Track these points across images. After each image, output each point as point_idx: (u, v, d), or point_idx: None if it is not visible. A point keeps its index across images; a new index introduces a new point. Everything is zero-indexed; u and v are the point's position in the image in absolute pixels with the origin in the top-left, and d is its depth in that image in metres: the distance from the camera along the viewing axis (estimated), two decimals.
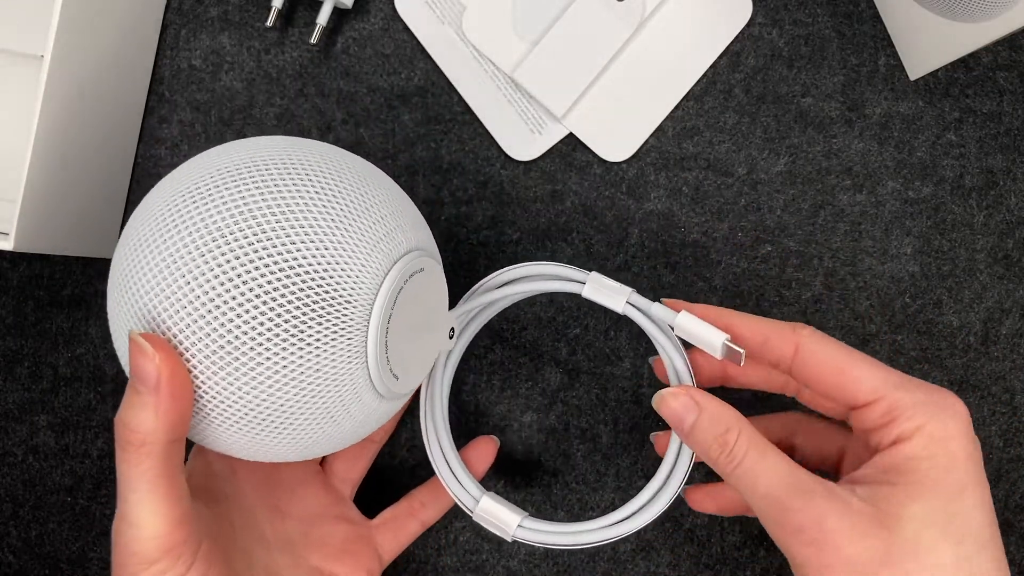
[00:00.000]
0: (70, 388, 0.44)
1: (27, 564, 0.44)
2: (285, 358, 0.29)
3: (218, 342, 0.28)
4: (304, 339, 0.29)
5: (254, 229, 0.29)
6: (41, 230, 0.37)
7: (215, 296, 0.28)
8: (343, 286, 0.29)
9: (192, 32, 0.44)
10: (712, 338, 0.33)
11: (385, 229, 0.31)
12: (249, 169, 0.30)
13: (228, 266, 0.28)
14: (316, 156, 0.32)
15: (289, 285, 0.28)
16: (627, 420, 0.43)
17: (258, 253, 0.28)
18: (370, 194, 0.31)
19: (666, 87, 0.43)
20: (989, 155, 0.43)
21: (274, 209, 0.29)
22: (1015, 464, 0.43)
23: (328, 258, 0.29)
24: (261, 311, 0.28)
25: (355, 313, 0.30)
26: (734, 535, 0.43)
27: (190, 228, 0.29)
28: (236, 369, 0.29)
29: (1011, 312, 0.43)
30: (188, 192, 0.30)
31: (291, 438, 0.31)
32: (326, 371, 0.29)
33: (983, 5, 0.34)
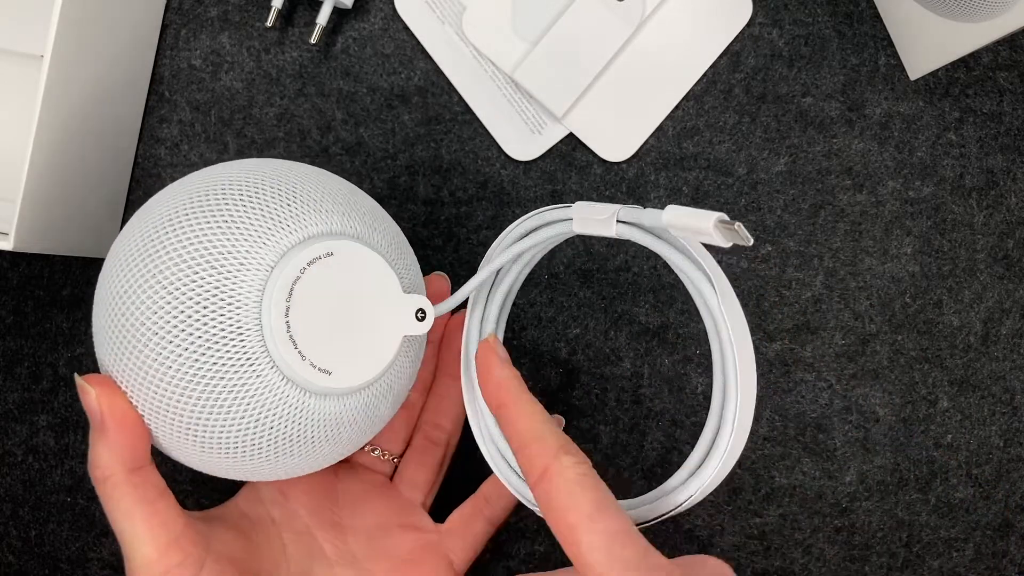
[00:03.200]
0: (70, 388, 0.44)
1: (27, 564, 0.44)
2: (194, 376, 0.29)
3: (142, 374, 0.29)
4: (199, 355, 0.29)
5: (159, 261, 0.30)
6: (41, 230, 0.37)
7: (129, 332, 0.29)
8: (225, 289, 0.29)
9: (192, 32, 0.44)
10: (702, 221, 0.28)
11: (271, 222, 0.30)
12: (161, 209, 0.31)
13: (133, 303, 0.29)
14: (226, 172, 0.32)
15: (178, 306, 0.29)
16: (627, 420, 0.43)
17: (157, 280, 0.29)
18: (265, 189, 0.31)
19: (666, 87, 0.43)
20: (989, 155, 0.43)
21: (173, 239, 0.30)
22: (1015, 464, 0.43)
23: (209, 263, 0.29)
24: (160, 335, 0.29)
25: (243, 315, 0.29)
26: (734, 535, 0.43)
27: (116, 272, 0.30)
28: (161, 397, 0.29)
29: (1011, 312, 0.43)
30: (124, 238, 0.31)
31: (253, 456, 0.31)
32: (231, 380, 0.29)
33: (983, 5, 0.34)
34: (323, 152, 0.43)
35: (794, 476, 0.43)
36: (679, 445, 0.43)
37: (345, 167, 0.43)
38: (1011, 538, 0.43)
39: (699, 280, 0.30)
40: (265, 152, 0.43)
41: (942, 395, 0.43)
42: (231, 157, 0.44)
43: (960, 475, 0.43)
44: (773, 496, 0.43)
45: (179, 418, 0.30)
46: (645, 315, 0.43)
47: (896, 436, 0.43)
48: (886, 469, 0.43)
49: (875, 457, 0.43)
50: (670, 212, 0.29)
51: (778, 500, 0.43)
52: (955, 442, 0.43)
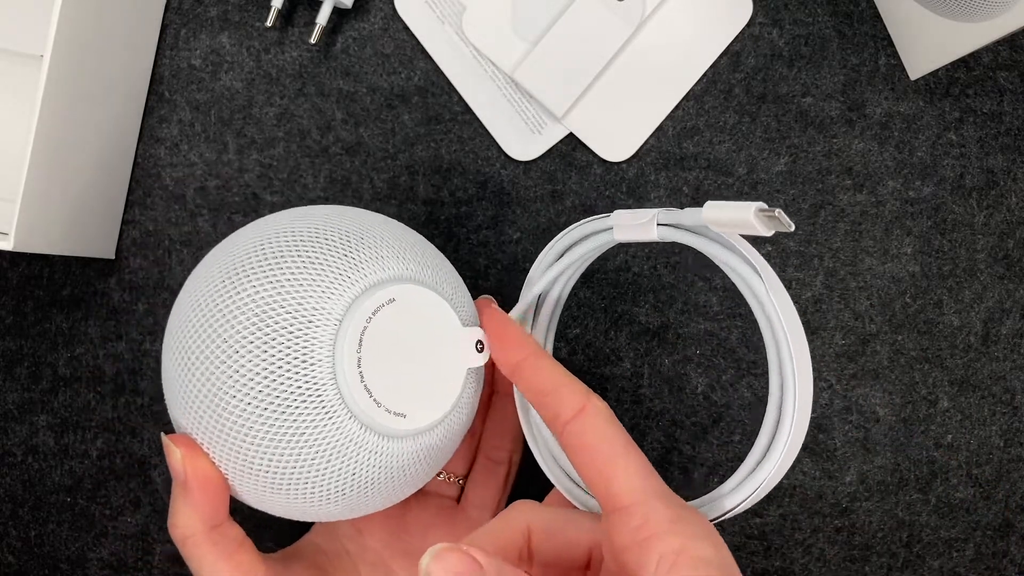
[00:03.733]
0: (69, 388, 0.44)
1: (26, 564, 0.44)
2: (276, 434, 0.30)
3: (221, 433, 0.30)
4: (278, 414, 0.30)
5: (228, 323, 0.30)
6: (40, 230, 0.37)
7: (205, 392, 0.30)
8: (298, 347, 0.30)
9: (192, 32, 0.44)
10: (741, 212, 0.28)
11: (334, 275, 0.31)
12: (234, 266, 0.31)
13: (206, 364, 0.30)
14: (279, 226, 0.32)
15: (253, 368, 0.29)
16: (627, 420, 0.43)
17: (228, 343, 0.30)
18: (322, 241, 0.31)
19: (666, 87, 0.43)
20: (990, 155, 0.43)
21: (252, 291, 0.30)
22: (1015, 464, 0.43)
23: (278, 323, 0.30)
24: (238, 398, 0.30)
25: (318, 371, 0.30)
26: (734, 535, 0.43)
27: (186, 330, 0.31)
28: (243, 455, 0.30)
29: (1011, 312, 0.43)
30: (187, 298, 0.32)
31: (337, 502, 0.31)
32: (312, 435, 0.30)
33: (983, 5, 0.34)
34: (323, 152, 0.43)
35: (794, 476, 0.43)
36: (679, 445, 0.43)
37: (345, 167, 0.43)
38: (1011, 538, 0.43)
39: (747, 274, 0.30)
40: (265, 152, 0.43)
41: (942, 395, 0.43)
42: (231, 157, 0.44)
43: (960, 475, 0.43)
44: (773, 496, 0.43)
45: (262, 474, 0.30)
46: (645, 315, 0.43)
47: (896, 436, 0.43)
48: (886, 469, 0.43)
49: (875, 457, 0.43)
50: (709, 208, 0.29)
51: (778, 500, 0.43)
52: (955, 442, 0.43)
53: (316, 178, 0.43)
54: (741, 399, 0.43)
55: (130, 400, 0.44)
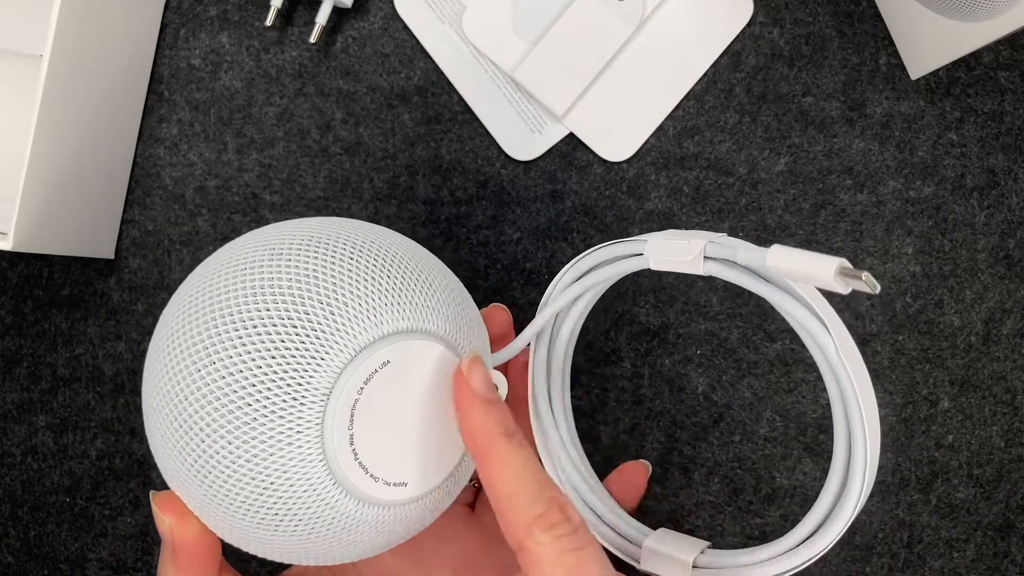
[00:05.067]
0: (69, 388, 0.44)
1: (26, 564, 0.44)
2: (266, 514, 0.27)
3: (210, 503, 0.28)
4: (267, 494, 0.27)
5: (204, 404, 0.27)
6: (40, 230, 0.37)
7: (191, 461, 0.27)
8: (283, 432, 0.26)
9: (191, 31, 0.44)
10: (819, 268, 0.24)
11: (317, 343, 0.27)
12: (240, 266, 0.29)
13: (189, 436, 0.27)
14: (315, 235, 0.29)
15: (236, 448, 0.27)
16: (627, 420, 0.43)
17: (209, 426, 0.27)
18: (307, 292, 0.27)
19: (667, 86, 0.43)
20: (990, 155, 0.43)
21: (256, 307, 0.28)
22: (1016, 464, 0.43)
23: (256, 406, 0.27)
24: (226, 474, 0.27)
25: (305, 451, 0.27)
26: (734, 536, 0.43)
27: (165, 397, 0.28)
28: (233, 524, 0.28)
29: (1012, 312, 0.43)
30: (158, 359, 0.29)
31: (339, 558, 0.29)
32: (303, 514, 0.27)
33: (984, 5, 0.34)
34: (323, 152, 0.43)
35: (795, 476, 0.43)
36: (679, 445, 0.43)
37: (345, 167, 0.43)
38: (1012, 538, 0.43)
39: (815, 330, 0.26)
40: (265, 151, 0.43)
41: (943, 395, 0.43)
42: (231, 157, 0.43)
43: (961, 475, 0.43)
44: (774, 497, 0.43)
45: (254, 542, 0.29)
46: (645, 315, 0.43)
47: (897, 436, 0.43)
48: (887, 469, 0.43)
49: None
50: (776, 254, 0.25)
51: (779, 501, 0.43)
52: (956, 442, 0.43)
53: (316, 178, 0.43)
54: (741, 399, 0.43)
55: (129, 400, 0.44)
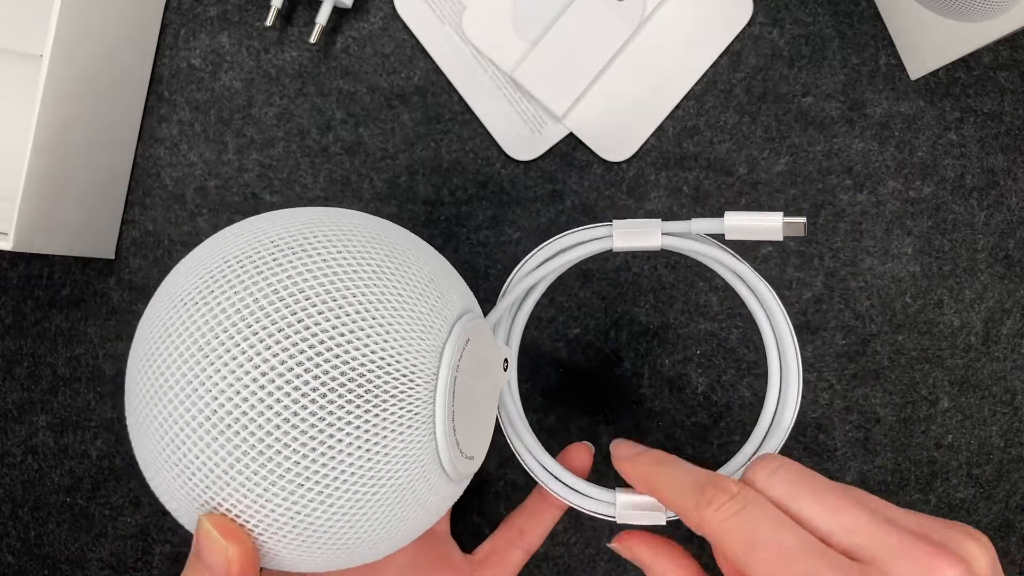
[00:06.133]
0: (69, 388, 0.44)
1: (26, 564, 0.44)
2: (362, 504, 0.26)
3: (266, 491, 0.25)
4: (376, 481, 0.26)
5: (292, 327, 0.25)
6: (40, 230, 0.37)
7: (277, 459, 0.25)
8: (403, 364, 0.26)
9: (191, 31, 0.44)
10: (768, 222, 0.32)
11: (436, 295, 0.27)
12: (278, 247, 0.26)
13: (269, 397, 0.25)
14: (343, 223, 0.28)
15: (340, 398, 0.25)
16: (627, 420, 0.43)
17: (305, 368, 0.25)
18: (412, 259, 0.28)
19: (666, 87, 0.43)
20: (990, 155, 0.43)
21: (316, 296, 0.25)
22: (1016, 464, 0.43)
23: (384, 339, 0.25)
24: (330, 466, 0.25)
25: (419, 433, 0.26)
26: None
27: (214, 344, 0.25)
28: (297, 511, 0.25)
29: (1012, 312, 0.43)
30: (204, 285, 0.26)
31: (368, 547, 0.28)
32: (405, 494, 0.26)
33: (983, 5, 0.34)
34: (323, 152, 0.43)
35: None
36: (679, 445, 0.43)
37: (345, 167, 0.43)
38: (1012, 538, 0.43)
39: (749, 276, 0.34)
40: (265, 151, 0.43)
41: (943, 395, 0.43)
42: (231, 157, 0.43)
43: (961, 475, 0.43)
44: None
45: (322, 543, 0.26)
46: (645, 315, 0.43)
47: (897, 436, 0.43)
48: (887, 469, 0.43)
49: (876, 457, 0.43)
50: (731, 220, 0.32)
51: None
52: (956, 442, 0.43)
53: (316, 178, 0.43)
54: (741, 399, 0.43)
55: None
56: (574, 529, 0.43)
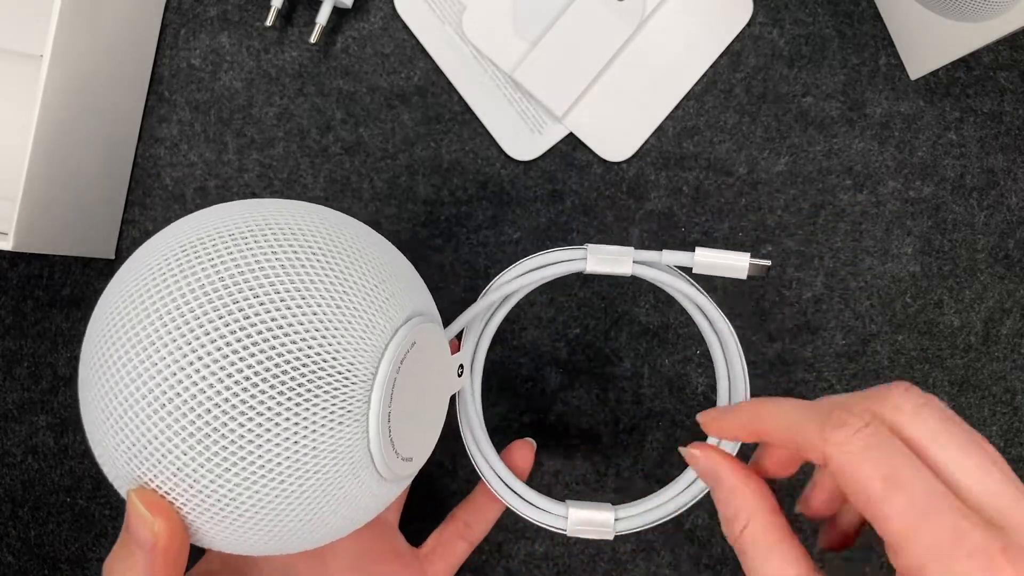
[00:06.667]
0: (69, 388, 0.44)
1: (26, 564, 0.44)
2: (289, 493, 0.26)
3: (193, 471, 0.26)
4: (302, 471, 0.26)
5: (236, 308, 0.25)
6: (40, 230, 0.37)
7: (205, 440, 0.25)
8: (340, 361, 0.26)
9: (191, 32, 0.44)
10: (735, 261, 0.33)
11: (385, 296, 0.28)
12: (232, 236, 0.27)
13: (208, 368, 0.25)
14: (303, 217, 0.29)
15: (281, 375, 0.25)
16: (627, 420, 0.43)
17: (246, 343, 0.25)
18: (366, 257, 0.28)
19: (666, 86, 0.43)
20: (990, 155, 0.43)
21: (261, 279, 0.26)
22: (1015, 464, 0.43)
23: (323, 335, 0.26)
24: (256, 446, 0.25)
25: (351, 430, 0.26)
26: None
27: (158, 319, 0.26)
28: (221, 493, 0.26)
29: (1012, 312, 0.43)
30: (156, 269, 0.27)
31: (294, 537, 0.28)
32: (329, 489, 0.27)
33: (983, 5, 0.34)
34: (323, 152, 0.43)
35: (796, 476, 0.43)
36: (679, 445, 0.43)
37: (345, 167, 0.43)
38: None
39: (702, 301, 0.36)
40: (265, 151, 0.43)
41: (943, 395, 0.43)
42: (231, 157, 0.44)
43: None
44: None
45: (250, 526, 0.27)
46: (645, 315, 0.43)
47: None
48: None
49: None
50: (700, 255, 0.34)
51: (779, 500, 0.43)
52: None
53: (316, 178, 0.43)
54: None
55: None
56: None
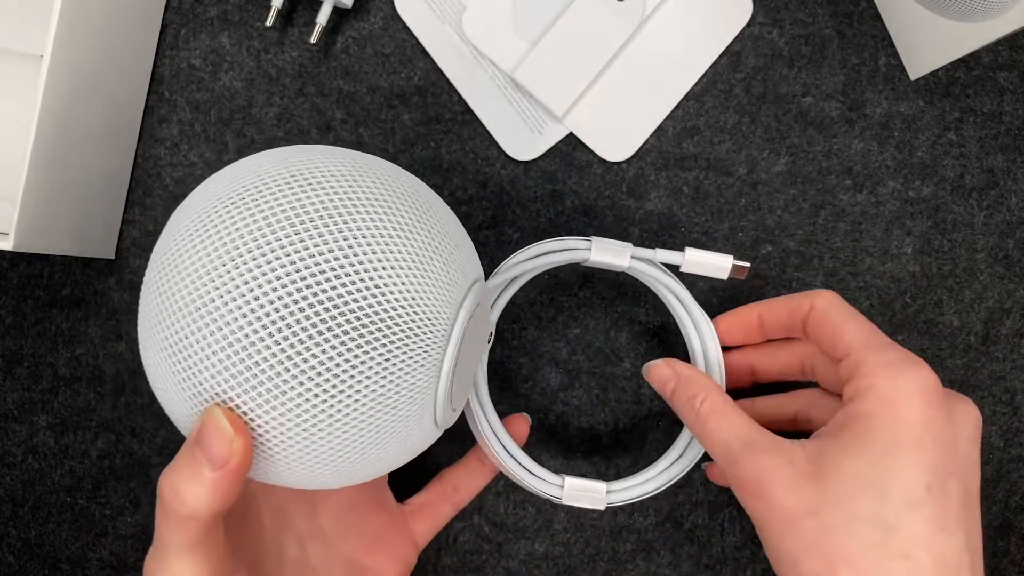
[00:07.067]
0: (69, 388, 0.44)
1: (27, 564, 0.44)
2: (359, 399, 0.27)
3: (282, 393, 0.26)
4: (375, 413, 0.27)
5: (325, 249, 0.26)
6: (41, 230, 0.37)
7: (278, 344, 0.26)
8: (430, 310, 0.28)
9: (192, 32, 0.44)
10: (720, 261, 0.38)
11: (462, 257, 0.29)
12: (316, 177, 0.28)
13: (295, 302, 0.26)
14: (392, 173, 0.30)
15: (370, 316, 0.26)
16: (627, 420, 0.43)
17: (334, 284, 0.26)
18: (445, 219, 0.30)
19: (666, 86, 0.43)
20: (990, 155, 0.43)
21: (349, 223, 0.27)
22: (1015, 464, 0.43)
23: (419, 285, 0.27)
24: (336, 352, 0.26)
25: (434, 343, 0.28)
26: (734, 535, 0.43)
27: (236, 252, 0.26)
28: (304, 419, 0.26)
29: (1011, 312, 0.43)
30: (231, 201, 0.27)
31: (347, 470, 0.29)
32: (392, 431, 0.28)
33: (983, 5, 0.34)
34: None
35: None
36: None
37: None
38: (1011, 538, 0.43)
39: (684, 296, 0.39)
40: None
41: None
42: (231, 157, 0.44)
43: None
44: None
45: (312, 460, 0.28)
46: (645, 315, 0.43)
47: None
48: None
49: None
50: (690, 254, 0.38)
51: None
52: None
53: None
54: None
55: (130, 400, 0.44)
56: (574, 529, 0.43)
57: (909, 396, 0.30)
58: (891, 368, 0.31)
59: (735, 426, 0.33)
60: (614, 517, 0.43)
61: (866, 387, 0.31)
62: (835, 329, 0.34)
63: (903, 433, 0.30)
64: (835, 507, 0.29)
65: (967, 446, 0.31)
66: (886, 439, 0.30)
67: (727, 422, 0.33)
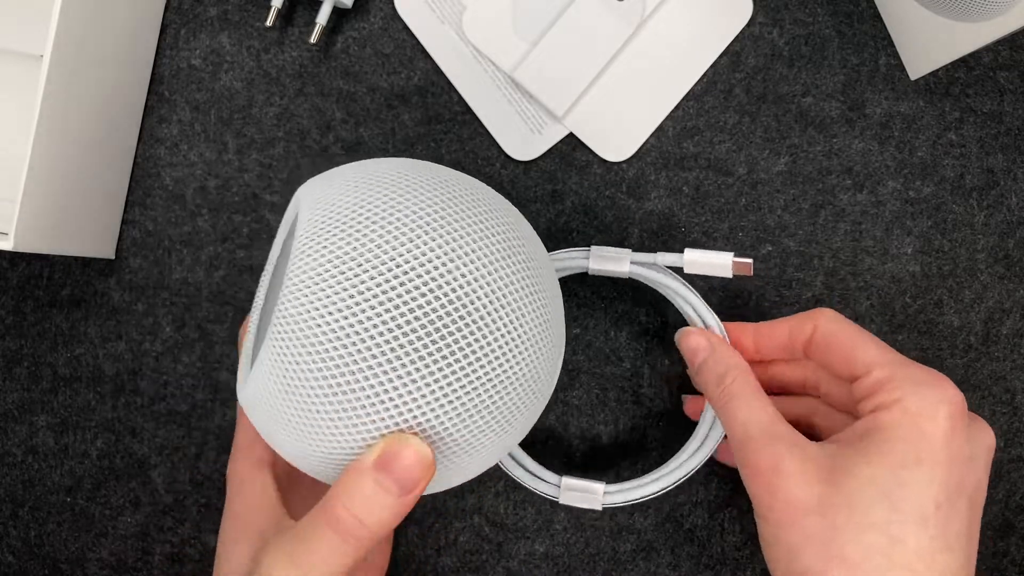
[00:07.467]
0: (69, 388, 0.44)
1: (26, 564, 0.44)
2: (512, 413, 0.30)
3: (461, 405, 0.28)
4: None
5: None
6: (40, 230, 0.37)
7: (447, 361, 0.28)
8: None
9: (192, 32, 0.44)
10: (721, 260, 0.38)
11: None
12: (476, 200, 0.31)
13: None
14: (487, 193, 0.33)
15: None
16: (627, 420, 0.43)
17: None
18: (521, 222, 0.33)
19: (666, 87, 0.43)
20: (990, 155, 0.43)
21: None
22: (1015, 464, 0.43)
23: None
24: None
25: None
26: (734, 535, 0.43)
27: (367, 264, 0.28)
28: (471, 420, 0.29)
29: (1012, 312, 0.43)
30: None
31: (502, 445, 0.32)
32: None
33: (983, 5, 0.34)
34: (323, 152, 0.43)
35: None
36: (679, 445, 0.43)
37: None
38: (1011, 538, 0.43)
39: (704, 313, 0.39)
40: (265, 151, 0.43)
41: None
42: (231, 157, 0.44)
43: None
44: None
45: (459, 465, 0.30)
46: (645, 315, 0.43)
47: None
48: None
49: None
50: (690, 255, 0.38)
51: None
52: None
53: None
54: None
55: (130, 400, 0.44)
56: (574, 529, 0.43)
57: (935, 412, 0.30)
58: (920, 385, 0.31)
59: (760, 412, 0.33)
60: (614, 517, 0.43)
61: (891, 401, 0.31)
62: (850, 349, 0.34)
63: (924, 447, 0.30)
64: (845, 510, 0.30)
65: (980, 467, 0.32)
66: (906, 451, 0.30)
67: (754, 405, 0.34)
